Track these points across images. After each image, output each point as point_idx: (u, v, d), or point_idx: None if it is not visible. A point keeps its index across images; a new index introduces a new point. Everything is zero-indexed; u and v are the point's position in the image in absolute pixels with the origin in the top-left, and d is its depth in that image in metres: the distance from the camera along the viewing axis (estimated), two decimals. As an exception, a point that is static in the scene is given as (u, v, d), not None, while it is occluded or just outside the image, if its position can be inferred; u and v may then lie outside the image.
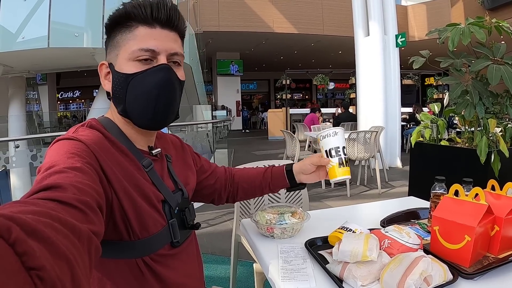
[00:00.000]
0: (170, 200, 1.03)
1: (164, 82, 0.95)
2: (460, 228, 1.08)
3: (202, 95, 11.08)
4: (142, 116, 0.97)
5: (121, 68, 0.96)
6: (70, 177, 0.70)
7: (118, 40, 0.97)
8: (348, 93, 17.40)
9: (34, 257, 0.38)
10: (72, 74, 17.81)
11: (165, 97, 0.97)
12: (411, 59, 3.35)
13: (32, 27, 6.28)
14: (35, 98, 14.23)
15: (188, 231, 1.11)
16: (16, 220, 0.40)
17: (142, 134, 1.04)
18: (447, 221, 1.13)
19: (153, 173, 1.01)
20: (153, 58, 0.95)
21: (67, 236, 0.48)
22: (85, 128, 0.94)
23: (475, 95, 2.88)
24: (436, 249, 1.15)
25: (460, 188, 1.19)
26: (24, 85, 9.14)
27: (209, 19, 14.23)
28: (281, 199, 2.29)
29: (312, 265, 1.15)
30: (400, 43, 7.95)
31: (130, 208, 0.91)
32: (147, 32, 0.94)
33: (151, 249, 0.96)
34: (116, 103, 1.00)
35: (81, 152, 0.82)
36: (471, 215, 1.08)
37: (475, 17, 3.00)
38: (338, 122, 8.92)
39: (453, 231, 1.11)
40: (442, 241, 1.13)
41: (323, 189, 6.03)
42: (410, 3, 15.91)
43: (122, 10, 0.95)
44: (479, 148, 2.77)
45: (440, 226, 1.15)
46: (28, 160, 4.46)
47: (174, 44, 0.98)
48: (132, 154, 0.98)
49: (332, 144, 1.30)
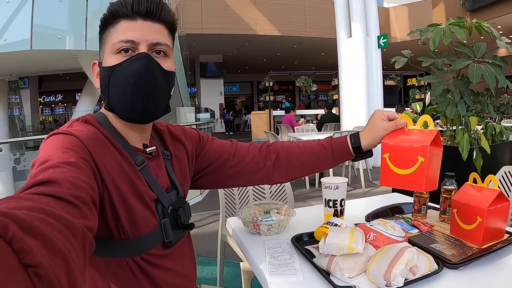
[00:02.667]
0: (163, 199, 1.01)
1: (141, 70, 0.93)
2: (412, 151, 1.06)
3: (185, 98, 11.05)
4: (123, 106, 0.96)
5: (106, 62, 0.96)
6: (64, 172, 0.69)
7: (104, 37, 0.98)
8: (331, 95, 17.50)
9: (31, 254, 0.38)
10: (54, 77, 17.60)
11: (143, 86, 0.94)
12: (393, 59, 3.39)
13: (14, 29, 6.21)
14: (17, 102, 14.07)
15: (181, 231, 1.09)
16: (12, 216, 0.40)
17: (133, 130, 1.02)
18: (397, 146, 1.10)
19: (146, 172, 1.00)
20: (133, 48, 0.95)
21: (62, 231, 0.48)
22: (80, 123, 0.93)
23: (457, 93, 2.92)
24: (388, 178, 1.12)
25: (408, 119, 1.16)
26: (6, 89, 9.03)
27: (192, 21, 14.22)
28: (266, 197, 2.29)
29: (299, 260, 1.15)
30: (382, 44, 8.03)
31: (121, 206, 0.90)
32: (128, 24, 0.95)
33: (142, 249, 0.95)
34: (103, 98, 1.00)
35: (75, 147, 0.81)
36: (422, 139, 1.07)
37: (456, 17, 3.05)
38: (321, 123, 8.95)
39: (404, 155, 1.08)
40: (393, 168, 1.10)
41: (307, 189, 6.06)
42: (392, 5, 16.10)
43: (108, 10, 0.96)
44: (461, 145, 2.81)
45: (390, 153, 1.12)
46: (11, 164, 4.39)
47: (158, 34, 0.97)
48: (125, 151, 0.97)
49: (331, 196, 1.45)
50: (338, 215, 1.43)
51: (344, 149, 1.23)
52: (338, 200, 1.43)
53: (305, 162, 1.25)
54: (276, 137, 6.49)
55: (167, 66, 1.00)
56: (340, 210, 1.44)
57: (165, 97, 1.02)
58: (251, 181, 1.29)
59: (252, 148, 1.28)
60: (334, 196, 1.42)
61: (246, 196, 2.33)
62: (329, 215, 1.43)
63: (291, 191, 2.31)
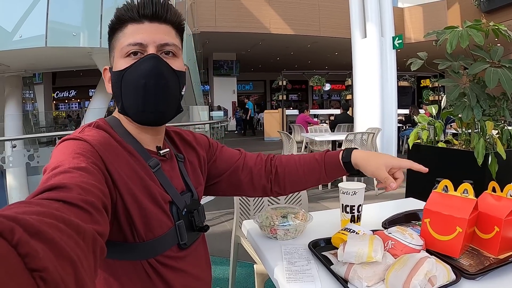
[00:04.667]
0: (178, 201, 1.02)
1: (150, 70, 0.95)
2: (452, 220, 1.13)
3: (199, 95, 11.07)
4: (135, 108, 0.97)
5: (116, 67, 0.98)
6: (75, 177, 0.70)
7: (113, 42, 1.01)
8: (344, 95, 17.44)
9: (37, 258, 0.38)
10: (68, 73, 17.77)
11: (154, 86, 0.95)
12: (409, 61, 3.38)
13: (29, 26, 6.23)
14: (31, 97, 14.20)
15: (196, 233, 1.09)
16: (20, 221, 0.40)
17: (147, 133, 1.04)
18: (438, 213, 1.17)
19: (160, 174, 1.01)
20: (142, 51, 0.96)
21: (71, 236, 0.48)
22: (91, 128, 0.95)
23: (473, 97, 2.91)
24: (426, 240, 1.17)
25: (449, 184, 1.22)
26: (20, 85, 9.09)
27: (206, 19, 14.22)
28: (281, 199, 2.30)
29: (317, 266, 1.16)
30: (397, 45, 7.96)
31: (135, 209, 0.91)
32: (135, 28, 0.97)
33: (156, 251, 0.96)
34: (116, 103, 1.02)
35: (86, 152, 0.82)
36: (461, 208, 1.13)
37: (473, 20, 3.02)
38: (335, 123, 8.93)
39: (444, 223, 1.15)
40: (433, 233, 1.18)
41: (320, 190, 6.05)
42: (407, 5, 15.95)
43: (114, 15, 0.98)
44: (476, 150, 2.79)
45: (431, 219, 1.19)
46: (25, 160, 4.43)
47: (165, 35, 0.99)
48: (139, 154, 0.98)
49: (349, 202, 1.43)
50: (355, 221, 1.43)
51: (334, 163, 1.26)
52: (355, 206, 1.43)
53: (300, 177, 1.29)
54: (290, 137, 6.47)
55: (176, 66, 1.01)
56: (357, 216, 1.44)
57: (176, 97, 1.03)
58: (254, 192, 1.33)
59: (259, 160, 1.32)
60: (352, 202, 1.43)
61: (261, 198, 2.34)
62: (346, 221, 1.43)
63: (306, 194, 2.32)
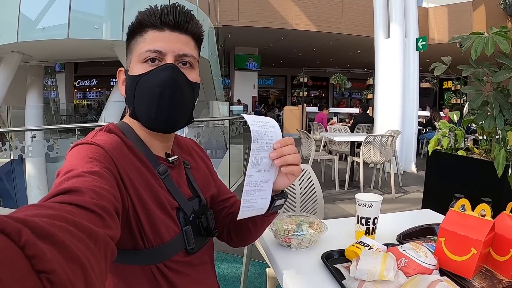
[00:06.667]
0: (185, 207, 1.03)
1: (167, 80, 0.95)
2: (467, 241, 1.12)
3: (219, 89, 11.10)
4: (147, 115, 0.98)
5: (132, 71, 0.99)
6: (88, 181, 0.71)
7: (131, 45, 1.01)
8: (365, 94, 17.30)
9: (44, 260, 0.38)
10: (89, 63, 17.81)
11: (168, 96, 0.96)
12: (432, 65, 3.34)
13: (52, 16, 6.31)
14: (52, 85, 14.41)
15: (204, 238, 1.10)
16: (28, 223, 0.40)
17: (157, 139, 1.05)
18: (454, 233, 1.16)
19: (168, 180, 1.02)
20: (160, 59, 0.97)
21: (82, 240, 0.49)
22: (103, 133, 0.96)
23: (496, 106, 2.86)
24: (440, 259, 1.17)
25: (467, 203, 1.22)
26: (42, 74, 9.24)
27: (229, 13, 14.20)
28: (296, 206, 2.30)
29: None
30: (421, 46, 7.88)
31: (144, 214, 0.92)
32: (155, 35, 0.97)
33: (164, 256, 0.97)
34: (128, 106, 1.03)
35: (99, 157, 0.83)
36: (477, 230, 1.12)
37: (499, 26, 2.97)
38: (355, 123, 8.87)
39: (459, 243, 1.14)
40: (447, 252, 1.17)
41: (336, 191, 6.04)
42: (432, 5, 15.69)
43: (136, 18, 0.99)
44: (497, 161, 2.75)
45: (446, 238, 1.19)
46: (45, 150, 4.50)
47: (185, 46, 0.99)
48: (148, 160, 0.99)
49: (364, 214, 1.44)
50: (370, 233, 1.43)
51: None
52: (371, 218, 1.43)
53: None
54: (308, 136, 6.44)
55: (192, 78, 1.01)
56: (373, 228, 1.44)
57: (189, 108, 1.04)
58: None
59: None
60: (368, 214, 1.43)
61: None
62: (361, 233, 1.43)
63: (322, 197, 2.31)
